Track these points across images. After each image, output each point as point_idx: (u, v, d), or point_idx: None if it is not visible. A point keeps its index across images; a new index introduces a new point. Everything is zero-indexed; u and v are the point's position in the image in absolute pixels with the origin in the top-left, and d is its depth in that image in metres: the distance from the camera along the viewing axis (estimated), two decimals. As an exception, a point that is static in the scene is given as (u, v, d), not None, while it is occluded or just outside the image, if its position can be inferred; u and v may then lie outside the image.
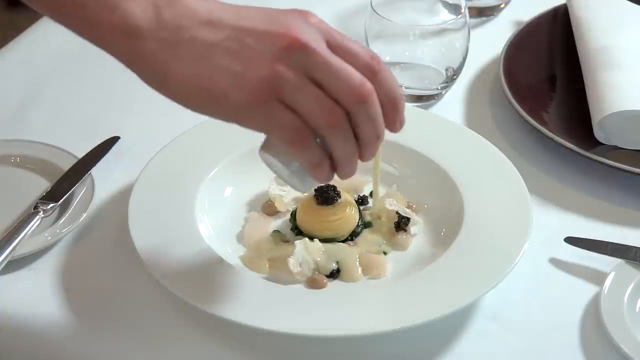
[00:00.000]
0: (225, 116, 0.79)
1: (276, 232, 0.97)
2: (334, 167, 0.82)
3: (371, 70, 0.80)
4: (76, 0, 0.78)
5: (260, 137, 0.84)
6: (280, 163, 0.83)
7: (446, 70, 1.15)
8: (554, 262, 0.97)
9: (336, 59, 0.79)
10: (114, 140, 1.09)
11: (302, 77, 0.78)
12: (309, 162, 0.81)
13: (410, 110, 1.12)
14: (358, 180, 1.00)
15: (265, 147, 0.84)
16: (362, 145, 0.81)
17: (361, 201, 1.00)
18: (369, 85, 0.79)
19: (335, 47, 0.80)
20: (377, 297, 0.90)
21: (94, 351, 0.88)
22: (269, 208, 1.00)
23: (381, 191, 1.00)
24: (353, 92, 0.79)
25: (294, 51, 0.78)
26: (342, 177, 0.83)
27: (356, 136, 0.81)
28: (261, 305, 0.88)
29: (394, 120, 0.83)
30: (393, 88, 0.82)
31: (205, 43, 0.78)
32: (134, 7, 0.78)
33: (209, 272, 0.90)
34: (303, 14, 0.81)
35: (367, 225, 0.98)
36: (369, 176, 0.99)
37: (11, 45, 1.29)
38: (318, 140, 0.80)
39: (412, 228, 0.98)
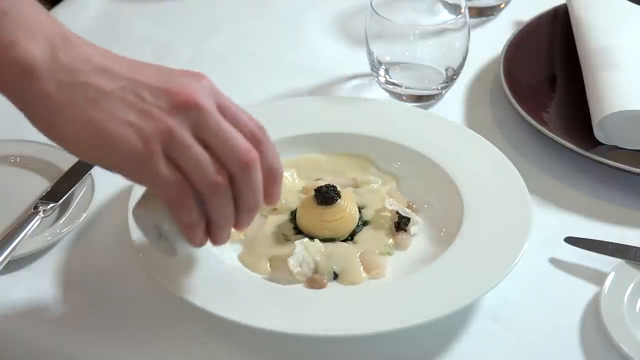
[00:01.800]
0: (113, 165, 0.79)
1: (276, 232, 0.97)
2: (208, 232, 0.82)
3: (256, 139, 0.81)
4: None
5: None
6: (154, 222, 0.83)
7: (446, 70, 1.15)
8: (554, 262, 0.97)
9: (226, 122, 0.80)
10: (114, 140, 1.09)
11: (191, 136, 0.78)
12: (186, 223, 0.81)
13: (410, 110, 1.13)
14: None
15: (140, 206, 0.84)
16: (240, 212, 0.82)
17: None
18: (254, 153, 0.80)
19: (224, 111, 0.80)
20: (377, 297, 0.90)
21: (94, 351, 0.88)
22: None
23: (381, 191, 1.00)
24: (239, 157, 0.79)
25: (188, 109, 0.78)
26: (215, 242, 0.83)
27: (235, 203, 0.81)
28: (261, 305, 0.88)
29: (271, 193, 0.83)
30: (275, 159, 0.83)
31: (100, 89, 0.78)
32: (32, 46, 0.77)
33: (209, 272, 0.90)
34: (197, 76, 0.81)
35: (365, 224, 0.98)
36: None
37: (11, 45, 1.29)
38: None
39: (412, 228, 0.98)
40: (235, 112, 0.81)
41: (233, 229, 0.84)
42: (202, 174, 0.79)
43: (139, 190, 0.97)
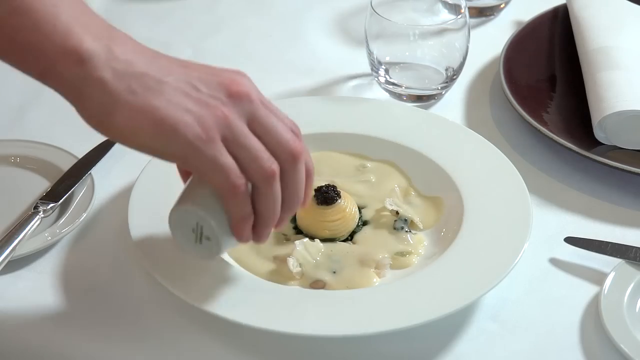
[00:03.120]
0: (171, 154, 0.79)
1: (276, 232, 0.97)
2: (253, 227, 0.82)
3: (296, 135, 0.82)
4: (24, 26, 0.77)
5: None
6: (198, 220, 0.82)
7: (446, 70, 1.15)
8: (554, 262, 0.97)
9: (273, 116, 0.81)
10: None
11: (245, 127, 0.79)
12: (239, 214, 0.81)
13: (410, 110, 1.13)
14: None
15: (183, 203, 0.83)
16: (285, 207, 0.82)
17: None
18: (302, 146, 0.81)
19: (267, 107, 0.81)
20: (377, 297, 0.90)
21: (94, 351, 0.88)
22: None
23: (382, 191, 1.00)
24: (290, 149, 0.80)
25: (241, 100, 0.79)
26: (259, 239, 0.83)
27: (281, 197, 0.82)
28: (261, 305, 0.88)
29: (307, 191, 0.84)
30: (309, 158, 0.84)
31: (157, 80, 0.78)
32: (87, 37, 0.77)
33: (209, 272, 0.90)
34: (239, 73, 0.82)
35: (365, 224, 0.98)
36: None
37: (11, 45, 1.29)
38: None
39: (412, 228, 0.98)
40: (274, 108, 0.82)
41: None
42: (257, 163, 0.79)
43: (139, 190, 0.97)
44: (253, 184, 0.80)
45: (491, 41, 1.25)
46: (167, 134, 0.77)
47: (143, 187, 0.98)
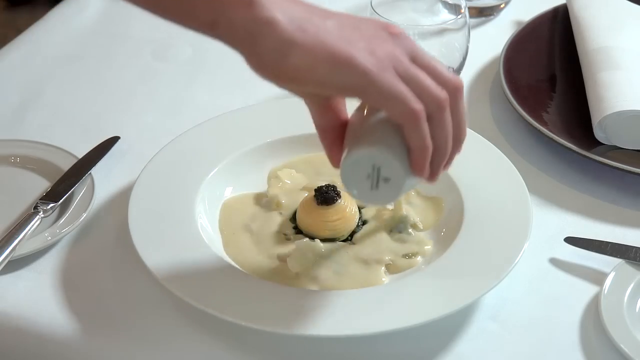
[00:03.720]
0: (350, 84, 0.78)
1: (276, 232, 0.97)
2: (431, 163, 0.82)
3: (458, 89, 0.83)
4: None
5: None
6: (376, 161, 0.81)
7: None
8: (554, 262, 0.97)
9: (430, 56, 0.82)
10: (114, 140, 1.09)
11: (411, 62, 0.80)
12: (422, 143, 0.80)
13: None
14: None
15: (361, 146, 0.82)
16: (454, 140, 0.83)
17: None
18: (460, 80, 0.82)
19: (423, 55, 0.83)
20: (377, 297, 0.90)
21: (94, 351, 0.88)
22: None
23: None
24: (451, 81, 0.81)
25: (401, 39, 0.81)
26: (434, 174, 0.83)
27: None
28: (261, 305, 0.88)
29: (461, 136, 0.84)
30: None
31: (322, 20, 0.79)
32: None
33: (209, 272, 0.90)
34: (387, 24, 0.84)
35: (365, 223, 0.98)
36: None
37: (11, 45, 1.29)
38: None
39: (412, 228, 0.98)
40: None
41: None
42: (430, 90, 0.79)
43: (139, 190, 0.98)
44: (427, 115, 0.80)
45: (491, 41, 1.25)
46: (344, 66, 0.77)
47: (143, 187, 0.98)
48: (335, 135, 0.85)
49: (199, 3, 0.79)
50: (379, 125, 0.82)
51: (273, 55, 0.77)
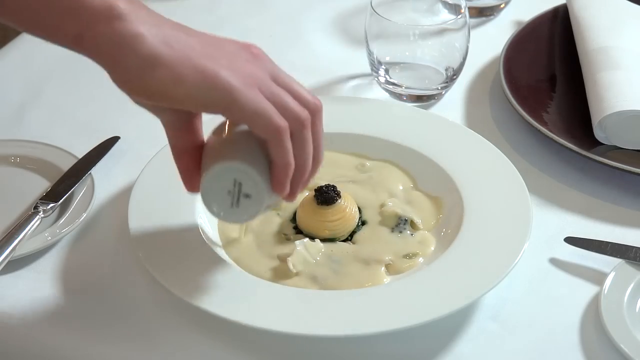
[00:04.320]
0: (215, 100, 0.79)
1: (276, 232, 0.97)
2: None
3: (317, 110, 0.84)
4: None
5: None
6: (237, 175, 0.81)
7: (446, 70, 1.15)
8: (554, 262, 0.97)
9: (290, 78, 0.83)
10: (114, 140, 1.09)
11: (272, 82, 0.81)
12: (284, 158, 0.81)
13: (410, 110, 1.13)
14: None
15: (224, 159, 0.82)
16: (314, 159, 0.84)
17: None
18: (319, 101, 0.83)
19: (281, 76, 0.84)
20: (377, 297, 0.90)
21: (94, 351, 0.88)
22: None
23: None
24: (311, 102, 0.82)
25: (263, 60, 0.82)
26: (294, 193, 0.84)
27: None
28: (261, 305, 0.88)
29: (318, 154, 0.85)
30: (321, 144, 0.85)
31: (188, 38, 0.80)
32: None
33: (209, 272, 0.90)
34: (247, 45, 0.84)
35: (364, 223, 0.98)
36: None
37: (11, 45, 1.29)
38: None
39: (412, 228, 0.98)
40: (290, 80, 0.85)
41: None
42: (291, 109, 0.80)
43: (139, 190, 0.98)
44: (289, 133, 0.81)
45: (491, 41, 1.25)
46: (210, 82, 0.78)
47: (143, 187, 0.98)
48: (191, 159, 0.85)
49: (65, 17, 0.79)
50: (241, 141, 0.83)
51: (138, 70, 0.78)
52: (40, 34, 0.81)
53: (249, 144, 0.82)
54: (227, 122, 0.85)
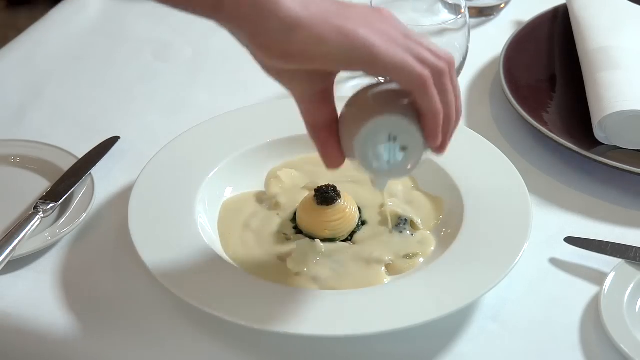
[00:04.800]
0: (359, 56, 0.79)
1: (276, 232, 0.97)
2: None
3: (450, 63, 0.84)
4: None
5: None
6: (393, 129, 0.81)
7: (446, 70, 1.15)
8: (554, 262, 0.97)
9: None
10: (114, 140, 1.09)
11: (407, 38, 0.82)
12: (433, 107, 0.81)
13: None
14: None
15: (377, 114, 0.82)
16: (457, 109, 0.84)
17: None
18: (451, 54, 0.83)
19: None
20: (377, 297, 0.90)
21: (94, 351, 0.88)
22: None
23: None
24: (444, 54, 0.83)
25: (394, 20, 0.82)
26: (444, 143, 0.84)
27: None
28: (261, 305, 0.88)
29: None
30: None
31: (323, 1, 0.80)
32: None
33: (209, 272, 0.90)
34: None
35: (364, 223, 0.98)
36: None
37: (11, 45, 1.29)
38: None
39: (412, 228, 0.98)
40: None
41: None
42: (429, 60, 0.81)
43: (139, 190, 0.98)
44: None
45: (491, 41, 1.25)
46: (351, 39, 0.79)
47: (143, 187, 0.98)
48: (328, 132, 0.85)
49: None
50: (386, 97, 0.83)
51: (279, 33, 0.78)
52: (180, 6, 0.81)
53: (394, 98, 0.83)
54: (360, 91, 0.85)
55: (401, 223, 0.98)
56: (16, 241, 0.94)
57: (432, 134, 0.82)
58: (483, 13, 1.32)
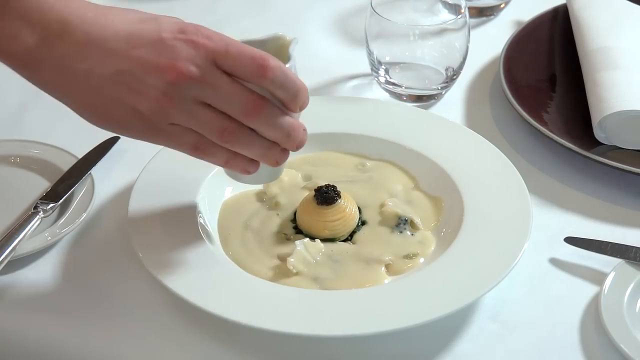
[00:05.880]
0: (132, 137, 0.85)
1: (276, 232, 0.97)
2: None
3: (262, 68, 0.82)
4: None
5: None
6: None
7: (446, 70, 1.15)
8: (554, 262, 0.97)
9: (222, 80, 0.82)
10: (114, 140, 1.09)
11: (190, 103, 0.82)
12: (219, 164, 0.87)
13: (410, 110, 1.13)
14: None
15: None
16: (278, 142, 0.86)
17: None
18: (257, 101, 0.83)
19: (223, 59, 0.82)
20: (377, 297, 0.90)
21: (94, 350, 0.88)
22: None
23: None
24: (243, 110, 0.83)
25: (180, 85, 0.82)
26: (277, 161, 0.88)
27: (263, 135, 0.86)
28: (261, 305, 0.88)
29: (298, 107, 0.86)
30: (289, 81, 0.84)
31: (99, 75, 0.82)
32: (28, 36, 0.83)
33: (209, 271, 0.90)
34: (192, 31, 0.84)
35: (364, 223, 0.98)
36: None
37: (11, 45, 1.29)
38: None
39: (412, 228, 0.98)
40: (233, 53, 0.83)
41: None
42: (209, 131, 0.84)
43: (139, 190, 0.98)
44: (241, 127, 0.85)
45: (491, 41, 1.25)
46: (118, 127, 0.86)
47: (143, 187, 0.98)
48: None
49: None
50: None
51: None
52: None
53: None
54: None
55: (401, 223, 0.98)
56: (16, 241, 0.94)
57: (233, 169, 0.88)
58: (483, 13, 1.32)
